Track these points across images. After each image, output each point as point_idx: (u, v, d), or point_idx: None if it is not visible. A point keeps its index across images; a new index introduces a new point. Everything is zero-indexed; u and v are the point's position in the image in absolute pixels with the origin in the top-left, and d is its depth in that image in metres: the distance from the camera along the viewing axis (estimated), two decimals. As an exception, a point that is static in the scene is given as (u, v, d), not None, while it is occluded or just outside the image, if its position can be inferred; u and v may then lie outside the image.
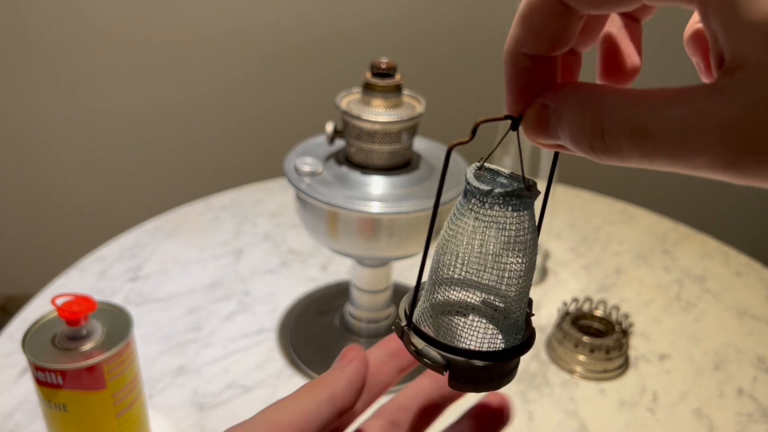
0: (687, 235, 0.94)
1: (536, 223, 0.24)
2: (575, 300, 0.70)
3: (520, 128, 0.23)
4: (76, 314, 0.44)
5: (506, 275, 0.23)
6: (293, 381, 0.62)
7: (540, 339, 0.69)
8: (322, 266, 0.80)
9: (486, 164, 0.24)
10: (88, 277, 0.76)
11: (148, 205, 1.26)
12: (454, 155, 0.61)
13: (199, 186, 1.36)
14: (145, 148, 1.51)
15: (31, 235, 1.59)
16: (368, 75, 0.54)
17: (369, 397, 0.30)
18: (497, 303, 0.24)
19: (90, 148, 1.49)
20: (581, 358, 0.65)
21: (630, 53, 0.24)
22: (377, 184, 0.55)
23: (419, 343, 0.24)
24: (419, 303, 0.26)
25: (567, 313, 0.69)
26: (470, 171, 0.23)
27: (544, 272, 0.82)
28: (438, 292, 0.25)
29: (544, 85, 0.22)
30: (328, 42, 1.43)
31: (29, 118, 1.44)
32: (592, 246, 0.89)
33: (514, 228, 0.23)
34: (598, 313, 0.69)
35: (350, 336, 0.67)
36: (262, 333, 0.68)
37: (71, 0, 1.32)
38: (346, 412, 0.27)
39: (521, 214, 0.23)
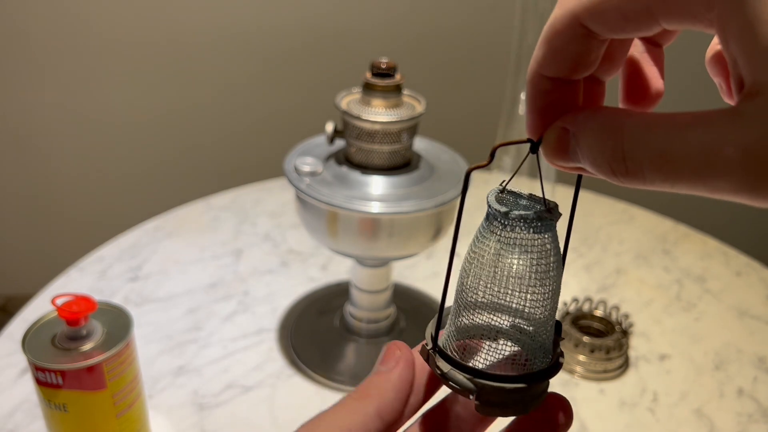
0: (687, 235, 0.94)
1: (559, 245, 0.24)
2: (575, 300, 0.70)
3: (541, 151, 0.23)
4: (76, 314, 0.44)
5: (530, 297, 0.23)
6: (293, 381, 0.62)
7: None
8: (322, 266, 0.80)
9: (507, 187, 0.24)
10: (88, 277, 0.76)
11: (148, 205, 1.26)
12: (455, 155, 0.61)
13: (199, 186, 1.36)
14: (145, 149, 1.51)
15: (31, 235, 1.59)
16: (368, 75, 0.54)
17: (417, 400, 0.26)
18: (524, 326, 0.24)
19: (90, 149, 1.49)
20: (581, 358, 0.65)
21: (653, 77, 0.24)
22: (377, 184, 0.55)
23: (445, 367, 0.24)
24: (446, 326, 0.26)
25: (567, 313, 0.69)
26: (492, 194, 0.24)
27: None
28: (463, 315, 0.24)
29: (565, 108, 0.22)
30: (328, 42, 1.43)
31: (29, 118, 1.44)
32: (593, 246, 0.89)
33: (536, 250, 0.23)
34: (598, 313, 0.69)
35: (350, 336, 0.67)
36: (261, 333, 0.68)
37: (71, 3, 1.32)
38: (395, 425, 0.25)
39: (543, 236, 0.23)
